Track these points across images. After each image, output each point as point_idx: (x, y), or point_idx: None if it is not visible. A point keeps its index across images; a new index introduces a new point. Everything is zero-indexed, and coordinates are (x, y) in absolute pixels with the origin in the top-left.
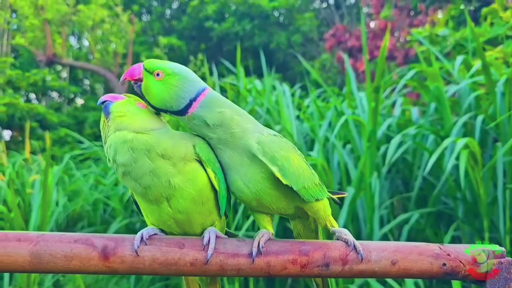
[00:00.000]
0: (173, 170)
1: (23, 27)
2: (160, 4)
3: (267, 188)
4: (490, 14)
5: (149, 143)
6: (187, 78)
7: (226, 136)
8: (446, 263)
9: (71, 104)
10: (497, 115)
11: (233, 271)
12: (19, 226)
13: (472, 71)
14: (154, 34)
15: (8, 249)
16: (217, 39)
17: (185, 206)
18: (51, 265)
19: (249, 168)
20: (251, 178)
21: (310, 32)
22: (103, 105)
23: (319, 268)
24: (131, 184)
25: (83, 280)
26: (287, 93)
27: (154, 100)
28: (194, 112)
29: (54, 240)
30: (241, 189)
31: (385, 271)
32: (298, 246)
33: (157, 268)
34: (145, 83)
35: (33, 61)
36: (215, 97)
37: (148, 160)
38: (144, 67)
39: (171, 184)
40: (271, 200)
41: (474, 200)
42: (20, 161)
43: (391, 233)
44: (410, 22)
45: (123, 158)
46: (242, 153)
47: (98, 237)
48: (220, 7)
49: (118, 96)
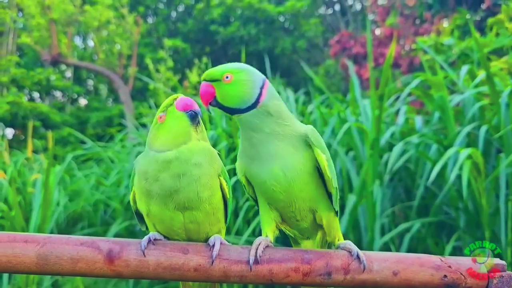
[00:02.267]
0: (208, 183)
1: (29, 26)
2: (166, 6)
3: (302, 180)
4: (496, 25)
5: (213, 154)
6: (251, 70)
7: (279, 130)
8: (447, 275)
9: (74, 104)
10: (501, 126)
11: (236, 277)
12: (19, 224)
13: (477, 81)
14: (159, 36)
15: (16, 250)
16: (222, 43)
17: (198, 217)
18: (57, 267)
19: (292, 157)
20: (291, 166)
21: (315, 38)
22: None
23: (321, 276)
24: (165, 184)
25: (82, 281)
26: (291, 99)
27: (234, 102)
28: (264, 101)
29: (61, 242)
30: (278, 177)
31: (387, 281)
32: (300, 255)
33: (161, 272)
34: (219, 92)
35: (37, 60)
36: (271, 87)
37: (207, 166)
38: (207, 80)
39: (198, 196)
40: (299, 196)
41: (476, 211)
42: (22, 160)
43: (392, 241)
44: (415, 30)
45: (197, 160)
46: (289, 144)
47: (104, 241)
48: (225, 11)
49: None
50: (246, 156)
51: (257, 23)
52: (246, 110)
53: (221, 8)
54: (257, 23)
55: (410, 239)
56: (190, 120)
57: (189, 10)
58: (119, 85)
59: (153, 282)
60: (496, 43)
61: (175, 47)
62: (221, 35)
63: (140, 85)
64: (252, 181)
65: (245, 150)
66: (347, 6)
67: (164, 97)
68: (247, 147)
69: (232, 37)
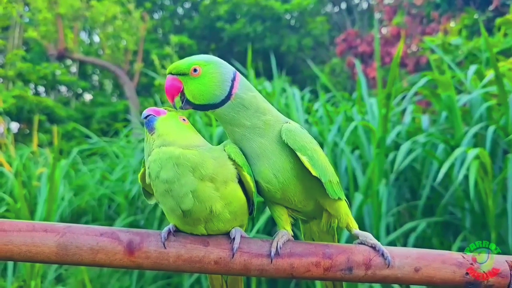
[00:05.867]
0: (215, 195)
1: (36, 21)
2: (172, 2)
3: (294, 179)
4: (504, 25)
5: (195, 160)
6: (219, 62)
7: (259, 123)
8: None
9: (79, 99)
10: (509, 126)
11: (256, 271)
12: (25, 217)
13: (485, 81)
14: (165, 32)
15: (35, 240)
16: (228, 40)
17: (220, 226)
18: (77, 257)
19: (279, 157)
20: (280, 167)
21: (321, 36)
22: (146, 120)
23: (342, 271)
24: (170, 204)
25: (87, 274)
26: (297, 96)
27: (205, 97)
28: (237, 93)
29: (80, 232)
30: (269, 179)
31: (408, 278)
32: (322, 249)
33: (181, 265)
34: (187, 88)
35: (43, 55)
36: (244, 79)
37: (193, 178)
38: (173, 73)
39: (212, 210)
40: (295, 192)
41: (482, 211)
42: (27, 153)
43: (397, 241)
44: (422, 30)
45: (167, 174)
46: (273, 141)
47: (124, 232)
48: (232, 7)
49: (161, 110)
50: None
51: (263, 20)
52: (219, 105)
53: (227, 5)
54: (263, 20)
55: (415, 239)
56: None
57: (196, 7)
58: (125, 81)
59: (157, 277)
60: (505, 44)
61: (181, 44)
62: (227, 32)
63: (145, 81)
64: None
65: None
66: (354, 5)
67: None
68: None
69: (238, 34)
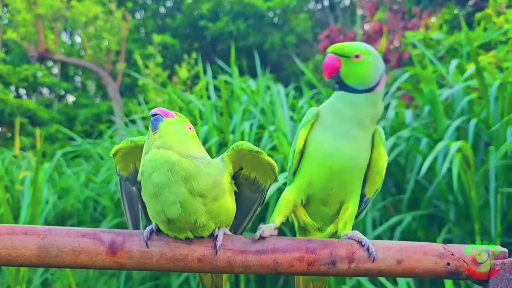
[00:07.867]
0: (202, 209)
1: (15, 22)
2: (154, 1)
3: (359, 170)
4: (483, 19)
5: (190, 172)
6: (379, 56)
7: (368, 120)
8: (450, 263)
9: (62, 100)
10: (490, 119)
11: (240, 267)
12: (8, 222)
13: (466, 75)
14: (148, 32)
15: (15, 243)
16: (211, 38)
17: (204, 234)
18: (59, 259)
19: (365, 149)
20: (360, 156)
21: (304, 33)
22: (153, 118)
23: (325, 266)
24: (156, 208)
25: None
26: (282, 93)
27: (357, 81)
28: (379, 90)
29: (62, 234)
30: (345, 157)
31: (391, 270)
32: (305, 244)
33: (165, 263)
34: (345, 69)
35: (24, 57)
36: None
37: (183, 189)
38: (337, 53)
39: (197, 223)
40: (347, 180)
41: (466, 204)
42: (9, 157)
43: (383, 235)
44: (404, 25)
45: (159, 178)
46: (367, 136)
47: (106, 232)
48: (214, 6)
49: (169, 112)
50: (322, 126)
51: (246, 18)
52: (362, 92)
53: (210, 3)
54: (246, 18)
55: (401, 232)
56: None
57: (178, 6)
58: (108, 82)
59: (145, 279)
60: (484, 38)
61: (164, 43)
62: (210, 31)
63: (128, 81)
64: (313, 151)
65: (324, 121)
66: (336, 2)
67: (153, 93)
68: (329, 118)
69: (221, 33)
